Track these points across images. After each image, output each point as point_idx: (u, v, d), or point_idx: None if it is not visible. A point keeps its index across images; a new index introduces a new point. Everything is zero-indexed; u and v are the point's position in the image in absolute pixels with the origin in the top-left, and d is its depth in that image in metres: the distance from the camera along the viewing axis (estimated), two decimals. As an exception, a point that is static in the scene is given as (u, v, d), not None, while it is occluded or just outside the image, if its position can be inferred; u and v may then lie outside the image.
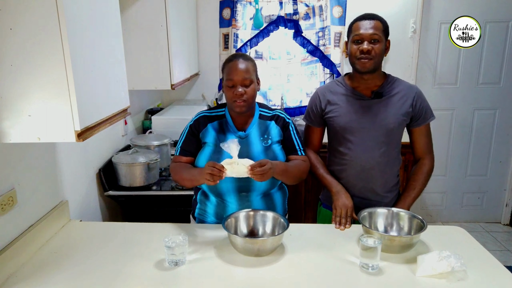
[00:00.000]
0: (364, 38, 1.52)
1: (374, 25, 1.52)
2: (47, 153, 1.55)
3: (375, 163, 1.61)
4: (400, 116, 1.59)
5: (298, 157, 1.59)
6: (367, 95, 1.61)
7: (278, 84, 3.27)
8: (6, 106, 1.07)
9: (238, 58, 1.49)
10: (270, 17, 3.06)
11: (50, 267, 1.29)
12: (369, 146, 1.61)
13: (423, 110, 1.62)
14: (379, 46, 1.52)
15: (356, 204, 1.63)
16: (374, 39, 1.51)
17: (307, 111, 1.76)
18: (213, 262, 1.30)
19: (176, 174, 1.53)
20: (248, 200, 1.52)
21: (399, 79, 1.65)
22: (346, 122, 1.62)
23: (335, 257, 1.33)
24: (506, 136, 3.39)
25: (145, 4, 2.17)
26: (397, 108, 1.59)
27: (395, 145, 1.65)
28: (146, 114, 2.93)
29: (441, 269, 1.19)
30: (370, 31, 1.51)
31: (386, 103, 1.59)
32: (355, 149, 1.63)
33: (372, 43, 1.52)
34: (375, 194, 1.66)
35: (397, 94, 1.60)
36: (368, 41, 1.51)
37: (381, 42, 1.53)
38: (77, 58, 1.07)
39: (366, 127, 1.60)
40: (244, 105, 1.47)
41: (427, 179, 1.68)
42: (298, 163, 1.55)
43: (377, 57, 1.53)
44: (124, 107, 1.41)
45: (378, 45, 1.52)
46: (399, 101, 1.60)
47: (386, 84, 1.61)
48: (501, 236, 3.33)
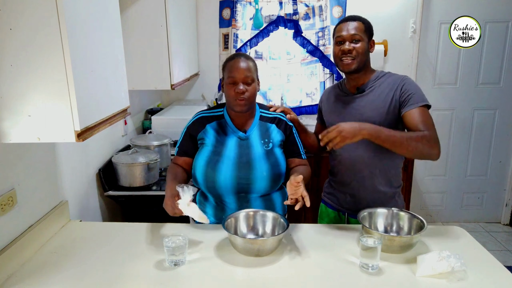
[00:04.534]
0: (346, 39, 1.55)
1: (355, 26, 1.55)
2: (47, 153, 1.55)
3: (363, 159, 1.60)
4: (383, 110, 1.54)
5: (301, 161, 1.61)
6: (352, 92, 1.64)
7: (278, 84, 3.27)
8: (6, 106, 1.07)
9: (240, 57, 1.50)
10: (270, 17, 3.07)
11: (50, 267, 1.29)
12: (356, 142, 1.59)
13: (408, 93, 1.51)
14: (360, 46, 1.54)
15: (351, 205, 1.64)
16: (355, 39, 1.54)
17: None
18: (213, 262, 1.30)
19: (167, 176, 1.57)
20: (247, 201, 1.52)
21: (390, 74, 1.61)
22: (331, 118, 1.68)
23: (335, 257, 1.33)
24: (506, 136, 3.39)
25: (145, 4, 2.17)
26: (380, 101, 1.55)
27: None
28: (146, 114, 2.93)
29: (441, 269, 1.19)
30: (351, 32, 1.54)
31: (369, 98, 1.58)
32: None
33: (354, 43, 1.54)
34: (369, 192, 1.63)
35: (382, 88, 1.57)
36: (349, 41, 1.55)
37: (363, 41, 1.55)
38: (77, 58, 1.07)
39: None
40: (245, 104, 1.47)
41: (418, 140, 1.39)
42: (308, 170, 1.58)
43: (359, 56, 1.55)
44: (124, 107, 1.42)
45: (360, 44, 1.54)
46: (383, 94, 1.55)
47: (372, 79, 1.61)
48: (501, 236, 3.33)
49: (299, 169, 1.56)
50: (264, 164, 1.50)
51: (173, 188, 1.39)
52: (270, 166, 1.51)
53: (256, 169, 1.49)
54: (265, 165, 1.50)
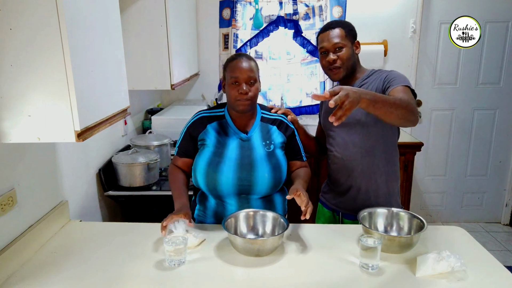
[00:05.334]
0: (329, 49, 1.56)
1: (336, 34, 1.55)
2: (47, 153, 1.55)
3: (354, 158, 1.61)
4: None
5: (301, 163, 1.62)
6: None
7: (278, 84, 3.27)
8: (6, 106, 1.07)
9: (242, 57, 1.48)
10: (270, 17, 3.07)
11: (50, 267, 1.29)
12: (346, 141, 1.62)
13: (390, 78, 1.49)
14: (344, 53, 1.55)
15: (345, 205, 1.66)
16: (337, 47, 1.55)
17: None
18: (213, 262, 1.30)
19: (169, 180, 1.61)
20: (248, 202, 1.52)
21: (380, 71, 1.60)
22: (324, 118, 1.71)
23: (335, 257, 1.33)
24: (506, 136, 3.39)
25: (145, 4, 2.17)
26: None
27: (378, 140, 1.59)
28: (146, 114, 2.93)
29: (441, 269, 1.19)
30: (333, 42, 1.55)
31: None
32: (334, 144, 1.66)
33: (337, 51, 1.55)
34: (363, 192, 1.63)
35: (371, 86, 1.56)
36: (332, 51, 1.55)
37: (346, 47, 1.56)
38: (77, 58, 1.07)
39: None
40: (248, 104, 1.46)
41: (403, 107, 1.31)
42: (308, 173, 1.59)
43: (345, 64, 1.56)
44: (124, 107, 1.41)
45: (343, 51, 1.55)
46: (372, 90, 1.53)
47: (362, 78, 1.61)
48: (501, 236, 3.33)
49: (299, 172, 1.57)
50: (266, 166, 1.50)
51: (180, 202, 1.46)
52: (272, 168, 1.50)
53: (257, 171, 1.49)
54: (267, 167, 1.50)
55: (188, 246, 1.32)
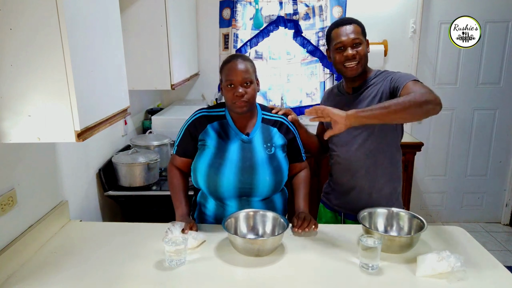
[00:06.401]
0: (347, 44, 1.54)
1: (354, 30, 1.54)
2: (47, 153, 1.55)
3: (357, 159, 1.61)
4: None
5: (301, 165, 1.65)
6: (349, 92, 1.64)
7: (278, 84, 3.27)
8: (6, 106, 1.07)
9: (236, 59, 1.46)
10: (270, 17, 3.06)
11: (50, 267, 1.29)
12: (349, 141, 1.62)
13: (396, 79, 1.50)
14: (362, 49, 1.54)
15: (347, 205, 1.66)
16: (355, 43, 1.54)
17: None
18: (213, 262, 1.30)
19: (168, 184, 1.62)
20: (249, 204, 1.51)
21: (386, 72, 1.61)
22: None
23: (335, 257, 1.33)
24: (506, 136, 3.39)
25: (145, 4, 2.17)
26: (375, 100, 1.54)
27: (382, 141, 1.59)
28: (146, 114, 2.93)
29: (441, 269, 1.19)
30: (352, 36, 1.53)
31: (364, 98, 1.58)
32: (338, 145, 1.66)
33: (355, 47, 1.54)
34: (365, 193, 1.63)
35: (377, 87, 1.57)
36: (351, 46, 1.54)
37: (363, 43, 1.55)
38: (77, 58, 1.07)
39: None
40: (245, 105, 1.45)
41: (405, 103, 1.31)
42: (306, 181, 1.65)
43: (363, 59, 1.55)
44: (124, 107, 1.41)
45: (361, 47, 1.54)
46: (377, 92, 1.55)
47: (369, 79, 1.61)
48: (501, 236, 3.33)
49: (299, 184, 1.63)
50: (267, 169, 1.49)
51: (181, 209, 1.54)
52: (273, 171, 1.50)
53: (259, 174, 1.48)
54: (268, 170, 1.49)
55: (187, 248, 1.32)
